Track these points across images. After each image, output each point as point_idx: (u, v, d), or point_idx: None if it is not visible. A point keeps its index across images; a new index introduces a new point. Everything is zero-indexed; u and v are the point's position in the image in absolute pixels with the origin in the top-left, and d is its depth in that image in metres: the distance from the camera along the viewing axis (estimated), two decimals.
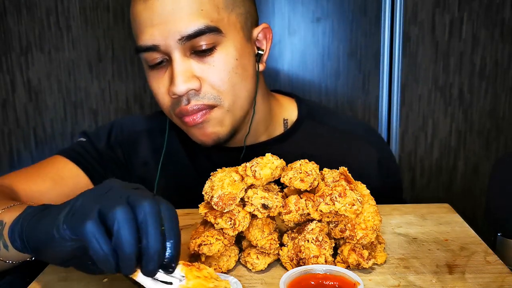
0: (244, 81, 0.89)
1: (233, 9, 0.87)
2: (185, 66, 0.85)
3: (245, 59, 0.89)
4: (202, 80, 0.86)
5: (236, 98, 0.89)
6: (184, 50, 0.85)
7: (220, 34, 0.85)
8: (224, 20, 0.85)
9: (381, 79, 1.58)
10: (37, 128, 1.64)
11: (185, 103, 0.86)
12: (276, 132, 1.02)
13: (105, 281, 0.69)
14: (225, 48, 0.86)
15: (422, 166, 1.64)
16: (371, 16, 1.54)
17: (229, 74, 0.86)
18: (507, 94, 1.59)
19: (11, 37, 1.58)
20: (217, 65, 0.86)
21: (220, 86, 0.86)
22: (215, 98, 0.87)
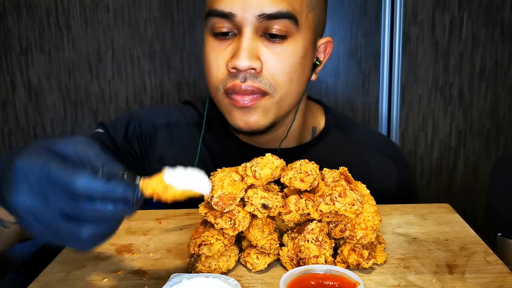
0: (299, 80, 0.89)
1: (313, 9, 0.87)
2: (253, 44, 0.83)
3: (307, 60, 0.89)
4: (264, 64, 0.84)
5: (288, 94, 0.88)
6: (257, 29, 0.83)
7: (296, 25, 0.84)
8: (303, 15, 0.85)
9: (381, 79, 1.59)
10: (37, 128, 1.64)
11: (241, 80, 0.84)
12: (305, 139, 1.02)
13: (105, 281, 0.69)
14: (295, 41, 0.85)
15: (422, 166, 1.64)
16: (371, 16, 1.54)
17: (291, 68, 0.86)
18: (507, 94, 1.59)
19: (11, 37, 1.58)
20: (283, 55, 0.85)
21: (280, 77, 0.86)
22: (270, 86, 0.86)
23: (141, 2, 1.55)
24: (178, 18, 1.56)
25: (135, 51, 1.58)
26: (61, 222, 0.51)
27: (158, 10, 1.56)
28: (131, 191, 0.53)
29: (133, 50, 1.58)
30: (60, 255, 0.77)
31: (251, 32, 0.83)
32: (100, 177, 0.52)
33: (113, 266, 0.73)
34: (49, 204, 0.50)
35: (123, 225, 0.86)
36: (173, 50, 1.58)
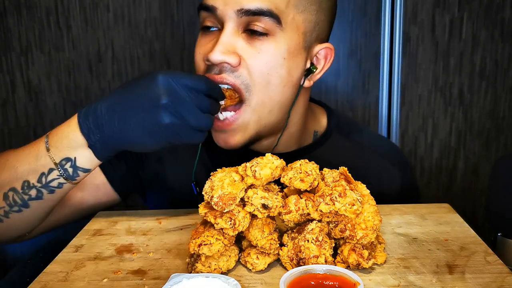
0: (283, 85, 0.86)
1: (303, 11, 0.85)
2: (231, 39, 0.83)
3: (293, 64, 0.86)
4: (242, 60, 0.83)
5: (267, 99, 0.86)
6: (238, 25, 0.83)
7: (278, 25, 0.83)
8: (288, 16, 0.84)
9: (381, 79, 1.59)
10: (37, 128, 1.64)
11: (216, 72, 0.84)
12: (305, 142, 1.01)
13: (105, 281, 0.69)
14: (277, 41, 0.84)
15: (422, 166, 1.64)
16: (371, 16, 1.55)
17: (270, 69, 0.84)
18: (507, 94, 1.59)
19: (11, 37, 1.58)
20: (263, 53, 0.83)
21: (257, 77, 0.84)
22: (246, 86, 0.84)
23: (141, 2, 1.55)
24: (178, 18, 1.56)
25: (135, 51, 1.58)
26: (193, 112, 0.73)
27: (158, 10, 1.56)
28: None
29: (133, 50, 1.58)
30: (60, 255, 0.77)
31: (231, 26, 0.83)
32: None
33: (113, 266, 0.73)
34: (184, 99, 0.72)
35: (123, 225, 0.86)
36: (173, 50, 1.58)
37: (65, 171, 0.78)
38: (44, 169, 0.79)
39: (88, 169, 0.79)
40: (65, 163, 0.78)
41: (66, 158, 0.78)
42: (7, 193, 0.80)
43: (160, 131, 0.73)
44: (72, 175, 0.79)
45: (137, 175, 1.00)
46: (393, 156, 1.05)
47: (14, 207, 0.81)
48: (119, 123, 0.74)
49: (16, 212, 0.82)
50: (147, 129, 0.73)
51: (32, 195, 0.80)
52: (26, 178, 0.79)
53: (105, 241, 0.81)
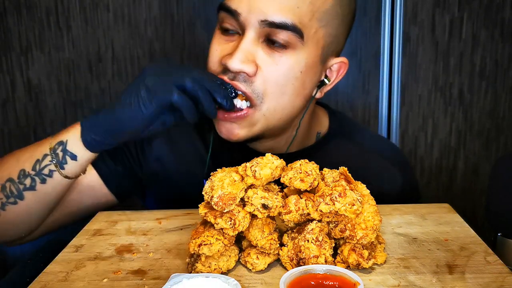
0: (296, 96, 0.86)
1: (325, 26, 0.84)
2: (251, 48, 0.82)
3: (308, 77, 0.86)
4: (259, 70, 0.83)
5: (278, 107, 0.86)
6: (259, 34, 0.82)
7: (300, 39, 0.82)
8: (311, 30, 0.83)
9: (381, 79, 1.59)
10: (37, 128, 1.64)
11: (230, 78, 0.83)
12: (308, 143, 1.01)
13: (105, 281, 0.69)
14: (296, 55, 0.83)
15: (422, 166, 1.64)
16: (371, 16, 1.55)
17: (285, 81, 0.84)
18: (507, 94, 1.59)
19: (11, 37, 1.58)
20: (281, 66, 0.83)
21: (271, 86, 0.83)
22: (258, 96, 0.84)
23: (141, 2, 1.55)
24: (178, 18, 1.56)
25: (135, 51, 1.58)
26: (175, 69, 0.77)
27: (158, 10, 1.56)
28: None
29: (133, 50, 1.58)
30: (60, 255, 0.77)
31: (252, 35, 0.82)
32: None
33: (113, 266, 0.73)
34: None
35: (123, 225, 0.86)
36: (173, 50, 1.58)
37: (56, 155, 0.81)
38: (39, 156, 0.82)
39: (75, 155, 0.81)
40: (57, 147, 0.81)
41: (60, 142, 0.82)
42: (4, 184, 0.83)
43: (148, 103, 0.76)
44: (61, 160, 0.81)
45: (135, 177, 1.00)
46: (393, 157, 1.05)
47: (10, 198, 0.83)
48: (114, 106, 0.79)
49: (12, 204, 0.84)
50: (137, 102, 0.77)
51: (26, 185, 0.82)
52: (23, 167, 0.82)
53: (105, 241, 0.81)
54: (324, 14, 0.83)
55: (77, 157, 0.82)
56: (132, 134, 0.80)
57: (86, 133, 0.81)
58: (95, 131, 0.80)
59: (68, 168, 0.82)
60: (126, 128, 0.78)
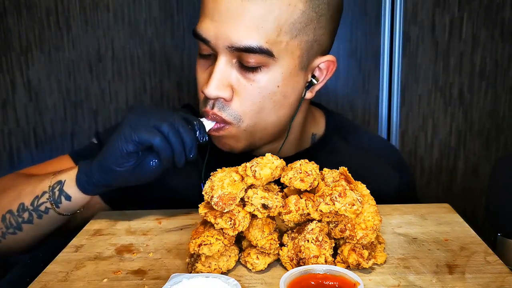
0: (278, 107, 0.87)
1: (297, 35, 0.83)
2: (224, 73, 0.83)
3: (288, 87, 0.86)
4: (235, 92, 0.84)
5: (260, 121, 0.87)
6: (231, 57, 0.83)
7: (271, 57, 0.82)
8: (281, 44, 0.82)
9: (381, 79, 1.58)
10: (37, 128, 1.64)
11: (210, 107, 0.86)
12: (304, 146, 1.01)
13: (105, 281, 0.69)
14: (271, 71, 0.83)
15: (422, 166, 1.64)
16: (371, 16, 1.54)
17: (263, 98, 0.84)
18: (507, 94, 1.59)
19: (11, 37, 1.58)
20: (256, 84, 0.83)
21: (248, 106, 0.85)
22: (235, 117, 0.85)
23: (141, 2, 1.55)
24: (178, 18, 1.56)
25: (135, 51, 1.58)
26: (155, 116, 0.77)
27: (158, 10, 1.56)
28: None
29: (133, 50, 1.58)
30: (60, 255, 0.77)
31: (224, 60, 0.83)
32: None
33: (113, 266, 0.73)
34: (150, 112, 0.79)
35: (123, 225, 0.86)
36: (173, 50, 1.58)
37: (53, 194, 0.84)
38: (39, 192, 0.85)
39: (70, 196, 0.84)
40: (56, 186, 0.84)
41: (58, 181, 0.84)
42: (5, 215, 0.86)
43: None
44: (57, 199, 0.84)
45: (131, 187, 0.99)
46: (391, 157, 1.05)
47: (10, 229, 0.86)
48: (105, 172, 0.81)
49: (11, 234, 0.87)
50: None
51: (24, 218, 0.85)
52: (23, 201, 0.85)
53: (105, 241, 0.81)
54: (294, 25, 0.82)
55: (71, 198, 0.84)
56: (120, 174, 0.80)
57: (80, 176, 0.83)
58: (87, 172, 0.82)
59: (63, 207, 0.85)
60: (110, 164, 0.79)
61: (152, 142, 0.76)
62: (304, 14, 0.82)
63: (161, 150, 0.77)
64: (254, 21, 0.79)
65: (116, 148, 0.77)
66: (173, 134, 0.76)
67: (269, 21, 0.80)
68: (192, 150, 0.79)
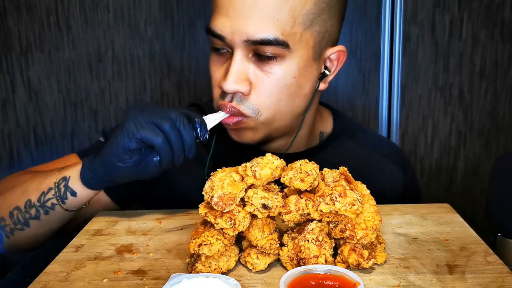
0: (294, 98, 0.88)
1: (310, 26, 0.84)
2: (242, 67, 0.84)
3: (303, 78, 0.87)
4: (253, 85, 0.85)
5: (277, 112, 0.88)
6: (247, 51, 0.84)
7: (287, 48, 0.83)
8: (296, 35, 0.83)
9: (381, 79, 1.58)
10: (37, 128, 1.64)
11: (228, 100, 0.86)
12: (313, 144, 1.02)
13: (105, 281, 0.69)
14: (287, 62, 0.84)
15: (422, 166, 1.64)
16: (371, 16, 1.54)
17: (280, 89, 0.85)
18: (507, 94, 1.59)
19: (11, 37, 1.58)
20: (273, 76, 0.84)
21: (267, 99, 0.86)
22: (253, 110, 0.86)
23: (141, 2, 1.55)
24: (178, 18, 1.56)
25: (135, 51, 1.58)
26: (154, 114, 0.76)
27: (158, 10, 1.56)
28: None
29: (133, 50, 1.58)
30: (60, 255, 0.77)
31: (241, 55, 0.84)
32: None
33: (113, 266, 0.73)
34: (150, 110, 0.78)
35: (123, 225, 0.86)
36: (173, 50, 1.58)
37: (59, 190, 0.84)
38: (45, 188, 0.85)
39: (75, 192, 0.84)
40: (61, 182, 0.84)
41: (63, 177, 0.84)
42: (12, 211, 0.87)
43: None
44: (62, 195, 0.84)
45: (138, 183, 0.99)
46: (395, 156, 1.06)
47: (18, 225, 0.87)
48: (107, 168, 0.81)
49: (19, 230, 0.87)
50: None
51: (32, 214, 0.86)
52: (30, 197, 0.85)
53: (105, 241, 0.81)
54: (307, 16, 0.83)
55: (77, 193, 0.84)
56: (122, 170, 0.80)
57: (84, 171, 0.83)
58: (91, 168, 0.82)
59: (69, 203, 0.85)
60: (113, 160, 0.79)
61: (154, 142, 0.76)
62: (316, 5, 0.84)
63: (162, 151, 0.77)
64: (269, 14, 0.81)
65: (119, 145, 0.77)
66: (174, 134, 0.76)
67: (283, 13, 0.81)
68: (192, 149, 0.79)
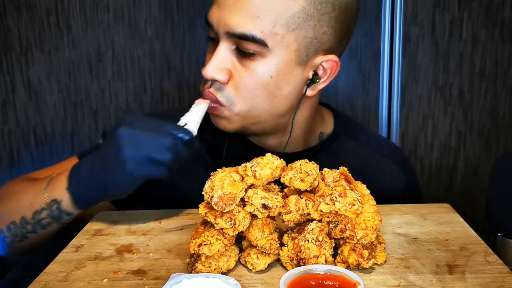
0: (271, 98, 0.88)
1: (295, 30, 0.84)
2: (223, 57, 0.86)
3: (283, 80, 0.87)
4: (231, 77, 0.87)
5: (253, 107, 0.89)
6: (231, 43, 0.86)
7: (265, 47, 0.84)
8: (276, 36, 0.84)
9: (381, 79, 1.58)
10: (37, 128, 1.64)
11: (208, 86, 0.89)
12: (312, 143, 1.02)
13: (105, 281, 0.69)
14: (265, 61, 0.85)
15: (422, 166, 1.64)
16: (371, 16, 1.54)
17: (256, 85, 0.86)
18: (507, 94, 1.59)
19: (11, 37, 1.58)
20: (250, 71, 0.86)
21: (242, 92, 0.87)
22: (227, 99, 0.88)
23: (141, 2, 1.55)
24: (178, 18, 1.56)
25: (135, 51, 1.58)
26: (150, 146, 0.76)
27: (158, 10, 1.56)
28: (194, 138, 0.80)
29: (133, 50, 1.58)
30: (60, 255, 0.77)
31: (225, 45, 0.86)
32: None
33: (113, 266, 0.73)
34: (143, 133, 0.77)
35: (123, 225, 0.86)
36: (173, 50, 1.58)
37: (52, 212, 0.84)
38: (38, 207, 0.85)
39: (71, 213, 0.84)
40: (53, 204, 0.84)
41: (54, 200, 0.84)
42: (9, 225, 0.87)
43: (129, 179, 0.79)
44: (58, 217, 0.84)
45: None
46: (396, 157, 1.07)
47: (16, 237, 0.88)
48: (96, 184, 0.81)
49: (18, 242, 0.88)
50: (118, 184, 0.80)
51: (28, 230, 0.86)
52: (24, 214, 0.86)
53: (105, 241, 0.81)
54: (291, 19, 0.83)
55: (73, 213, 0.85)
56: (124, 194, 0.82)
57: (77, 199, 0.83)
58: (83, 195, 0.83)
59: (65, 220, 0.86)
60: (113, 192, 0.81)
61: (158, 176, 0.79)
62: (304, 9, 0.84)
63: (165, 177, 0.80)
64: (251, 11, 0.82)
65: (119, 181, 0.79)
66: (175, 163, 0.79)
67: (266, 12, 0.82)
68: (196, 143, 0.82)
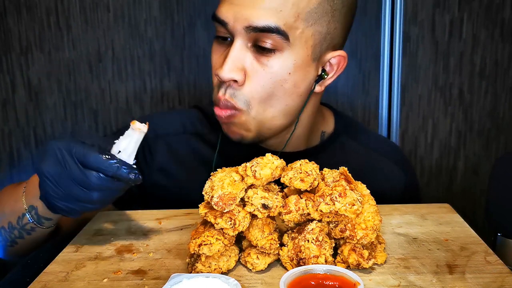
0: (288, 96, 0.88)
1: (313, 25, 0.85)
2: (239, 55, 0.85)
3: (299, 77, 0.87)
4: (248, 76, 0.85)
5: (269, 107, 0.88)
6: (247, 40, 0.84)
7: (286, 41, 0.83)
8: (297, 30, 0.84)
9: (381, 79, 1.58)
10: (37, 128, 1.64)
11: (222, 93, 0.87)
12: (313, 142, 1.02)
13: (105, 281, 0.69)
14: (284, 57, 0.85)
15: (422, 166, 1.64)
16: (371, 16, 1.54)
17: (273, 84, 0.86)
18: (507, 94, 1.59)
19: (11, 37, 1.58)
20: (268, 69, 0.85)
21: (258, 92, 0.86)
22: (245, 103, 0.86)
23: (141, 2, 1.55)
24: (178, 18, 1.56)
25: (135, 51, 1.58)
26: (73, 187, 0.69)
27: (158, 10, 1.56)
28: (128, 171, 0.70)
29: (133, 50, 1.58)
30: (60, 255, 0.77)
31: (240, 42, 0.84)
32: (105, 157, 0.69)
33: (113, 266, 0.73)
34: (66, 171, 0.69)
35: (123, 225, 0.86)
36: (173, 50, 1.58)
37: (32, 217, 0.83)
38: (19, 213, 0.84)
39: (50, 218, 0.82)
40: (31, 209, 0.83)
41: (31, 206, 0.82)
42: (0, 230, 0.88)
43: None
44: (38, 221, 0.83)
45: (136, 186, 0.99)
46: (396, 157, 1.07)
47: (7, 242, 0.88)
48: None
49: (9, 247, 0.89)
50: None
51: (16, 235, 0.86)
52: (10, 220, 0.86)
53: (105, 241, 0.81)
54: (310, 14, 0.84)
55: (52, 218, 0.83)
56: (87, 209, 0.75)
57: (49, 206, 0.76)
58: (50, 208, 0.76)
59: (47, 224, 0.84)
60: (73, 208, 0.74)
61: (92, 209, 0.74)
62: (320, 5, 0.85)
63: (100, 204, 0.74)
64: (273, 4, 0.82)
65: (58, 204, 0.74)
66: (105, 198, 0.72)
67: (287, 6, 0.82)
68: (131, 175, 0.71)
